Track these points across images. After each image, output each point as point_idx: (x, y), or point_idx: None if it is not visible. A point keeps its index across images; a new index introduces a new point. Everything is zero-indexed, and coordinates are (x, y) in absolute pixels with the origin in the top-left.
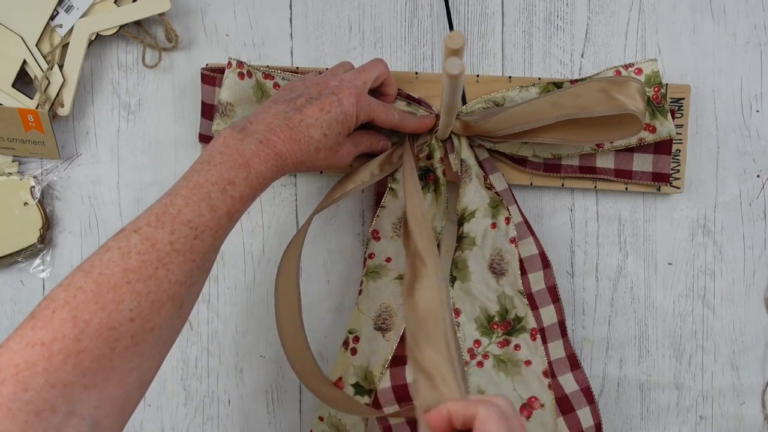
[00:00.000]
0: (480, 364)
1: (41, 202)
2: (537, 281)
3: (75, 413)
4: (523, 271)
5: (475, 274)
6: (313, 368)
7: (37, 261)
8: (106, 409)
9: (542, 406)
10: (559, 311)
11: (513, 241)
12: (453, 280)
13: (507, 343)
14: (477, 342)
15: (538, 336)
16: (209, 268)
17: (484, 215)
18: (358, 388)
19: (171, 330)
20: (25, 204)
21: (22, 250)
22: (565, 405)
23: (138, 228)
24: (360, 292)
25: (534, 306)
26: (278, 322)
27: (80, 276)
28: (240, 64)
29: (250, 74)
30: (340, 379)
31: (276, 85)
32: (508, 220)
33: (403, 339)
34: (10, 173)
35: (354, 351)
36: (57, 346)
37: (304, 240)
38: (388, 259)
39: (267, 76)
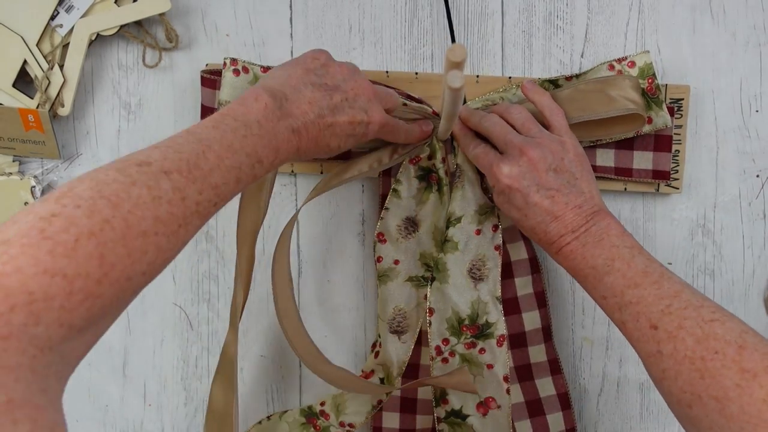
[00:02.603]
0: (445, 360)
1: None
2: (524, 285)
3: (66, 358)
4: (510, 275)
5: (454, 277)
6: (312, 351)
7: None
8: (81, 357)
9: (499, 407)
10: (545, 317)
11: (498, 248)
12: (432, 279)
13: (473, 345)
14: (445, 341)
15: (505, 343)
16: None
17: (469, 221)
18: (381, 385)
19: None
20: (26, 204)
21: None
22: (535, 408)
23: (168, 171)
24: (377, 296)
25: (516, 310)
26: (277, 309)
27: (106, 206)
28: (234, 61)
29: (246, 70)
30: (373, 372)
31: None
32: (496, 227)
33: (419, 340)
34: (11, 173)
35: (377, 354)
36: (79, 284)
37: (293, 226)
38: (396, 261)
39: (266, 69)
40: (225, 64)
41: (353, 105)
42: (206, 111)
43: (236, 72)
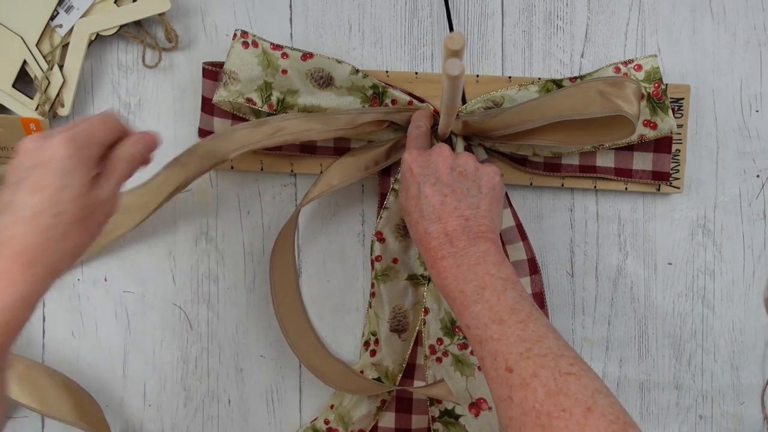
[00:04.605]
0: (439, 360)
1: None
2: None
3: None
4: None
5: None
6: (314, 343)
7: None
8: None
9: (490, 408)
10: None
11: None
12: (428, 280)
13: (465, 346)
14: (439, 340)
15: None
16: None
17: None
18: (379, 384)
19: None
20: None
21: None
22: None
23: None
24: (372, 294)
25: None
26: (276, 309)
27: None
28: (244, 33)
29: (255, 44)
30: (362, 372)
31: (285, 55)
32: None
33: (417, 338)
34: None
35: (373, 353)
36: None
37: (296, 222)
38: (395, 260)
39: (275, 46)
40: (235, 35)
41: (22, 178)
42: (207, 103)
43: (245, 45)
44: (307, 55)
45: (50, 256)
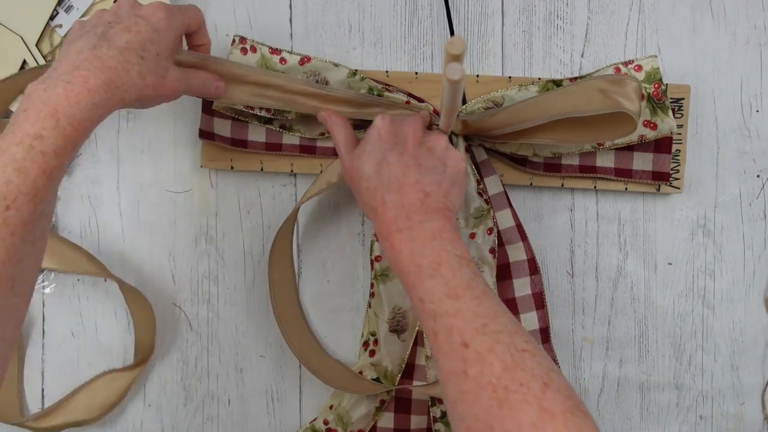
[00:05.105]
0: None
1: None
2: (522, 287)
3: None
4: (508, 276)
5: None
6: (312, 345)
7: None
8: None
9: None
10: (543, 318)
11: (492, 252)
12: None
13: None
14: None
15: None
16: (40, 237)
17: (464, 225)
18: (379, 384)
19: (7, 311)
20: None
21: None
22: None
23: None
24: (372, 294)
25: (514, 312)
26: (275, 308)
27: None
28: (243, 39)
29: (254, 49)
30: (361, 372)
31: (283, 60)
32: (490, 230)
33: (417, 338)
34: None
35: (372, 353)
36: None
37: (295, 220)
38: None
39: (274, 51)
40: (234, 41)
41: (119, 21)
42: (207, 103)
43: (244, 51)
44: (305, 59)
45: (121, 86)
